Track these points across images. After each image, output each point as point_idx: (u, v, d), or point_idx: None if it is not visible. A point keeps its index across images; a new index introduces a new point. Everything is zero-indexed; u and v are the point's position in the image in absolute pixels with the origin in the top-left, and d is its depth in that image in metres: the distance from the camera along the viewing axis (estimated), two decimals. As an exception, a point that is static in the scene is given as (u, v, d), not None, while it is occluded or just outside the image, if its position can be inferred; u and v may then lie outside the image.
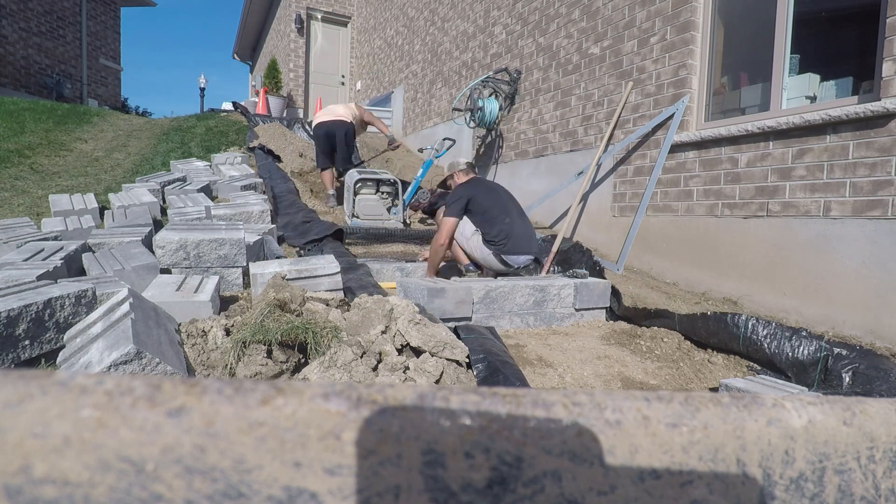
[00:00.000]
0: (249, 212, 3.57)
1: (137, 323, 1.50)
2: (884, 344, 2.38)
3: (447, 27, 6.86)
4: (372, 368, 1.65)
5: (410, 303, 1.97)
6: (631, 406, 0.35)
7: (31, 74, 10.54)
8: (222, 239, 2.49)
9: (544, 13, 4.85)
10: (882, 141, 2.43)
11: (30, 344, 1.57)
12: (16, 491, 0.26)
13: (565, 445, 0.33)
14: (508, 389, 0.35)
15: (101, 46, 12.39)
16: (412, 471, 0.30)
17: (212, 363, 1.68)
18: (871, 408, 0.42)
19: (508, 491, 0.31)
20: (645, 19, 3.72)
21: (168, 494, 0.28)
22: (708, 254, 3.22)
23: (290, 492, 0.29)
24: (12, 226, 3.04)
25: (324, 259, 2.53)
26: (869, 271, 2.46)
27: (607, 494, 0.33)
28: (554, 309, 2.88)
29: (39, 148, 5.22)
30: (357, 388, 0.32)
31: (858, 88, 2.73)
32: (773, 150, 2.89)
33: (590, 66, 4.26)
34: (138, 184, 4.12)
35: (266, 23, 13.73)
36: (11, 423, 0.27)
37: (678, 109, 3.43)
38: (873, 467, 0.40)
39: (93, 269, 2.32)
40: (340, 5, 11.32)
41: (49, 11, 10.91)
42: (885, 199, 2.41)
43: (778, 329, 2.25)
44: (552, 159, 4.71)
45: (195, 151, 5.62)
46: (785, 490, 0.37)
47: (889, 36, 2.41)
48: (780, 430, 0.38)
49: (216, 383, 0.31)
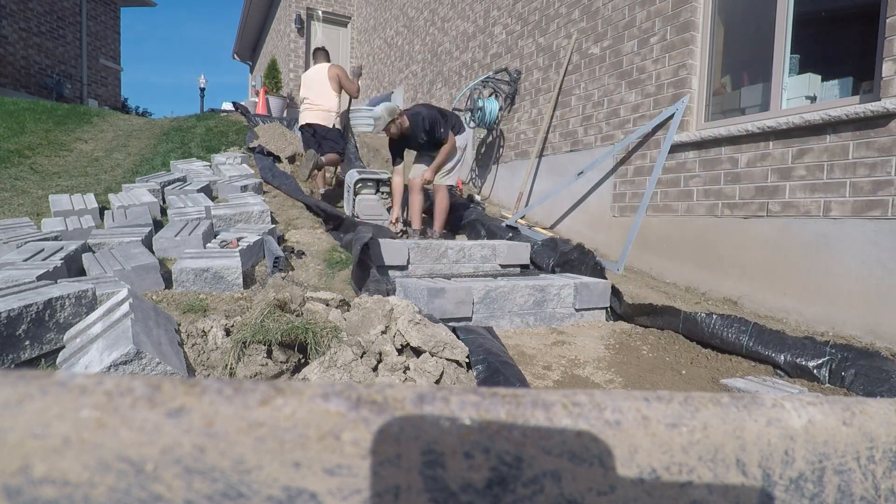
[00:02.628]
0: (249, 212, 3.57)
1: (137, 323, 1.50)
2: (884, 344, 2.38)
3: (447, 27, 6.86)
4: (372, 368, 1.65)
5: (410, 303, 1.97)
6: (630, 406, 0.35)
7: (32, 75, 10.54)
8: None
9: (544, 13, 4.85)
10: (882, 141, 2.43)
11: (30, 344, 1.57)
12: (16, 491, 0.26)
13: (565, 446, 0.33)
14: (508, 390, 0.35)
15: (101, 46, 12.39)
16: (412, 471, 0.30)
17: (212, 363, 1.68)
18: (871, 408, 0.42)
19: (508, 491, 0.31)
20: (645, 19, 3.72)
21: (168, 495, 0.28)
22: (708, 254, 3.22)
23: (289, 492, 0.29)
24: (12, 226, 3.04)
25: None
26: (869, 271, 2.46)
27: (607, 494, 0.33)
28: (554, 309, 2.88)
29: (39, 148, 5.22)
30: (357, 389, 0.32)
31: (858, 88, 2.73)
32: (773, 150, 2.89)
33: (590, 67, 4.26)
34: (138, 184, 4.12)
35: (266, 23, 13.73)
36: (11, 423, 0.27)
37: (678, 109, 3.43)
38: (873, 467, 0.40)
39: (93, 270, 2.32)
40: (340, 5, 11.32)
41: (49, 11, 10.92)
42: (885, 199, 2.41)
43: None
44: (552, 159, 4.71)
45: (195, 151, 5.62)
46: (785, 490, 0.37)
47: (889, 36, 2.41)
48: (780, 431, 0.38)
49: (216, 383, 0.31)
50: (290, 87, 10.99)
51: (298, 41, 11.11)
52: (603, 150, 4.05)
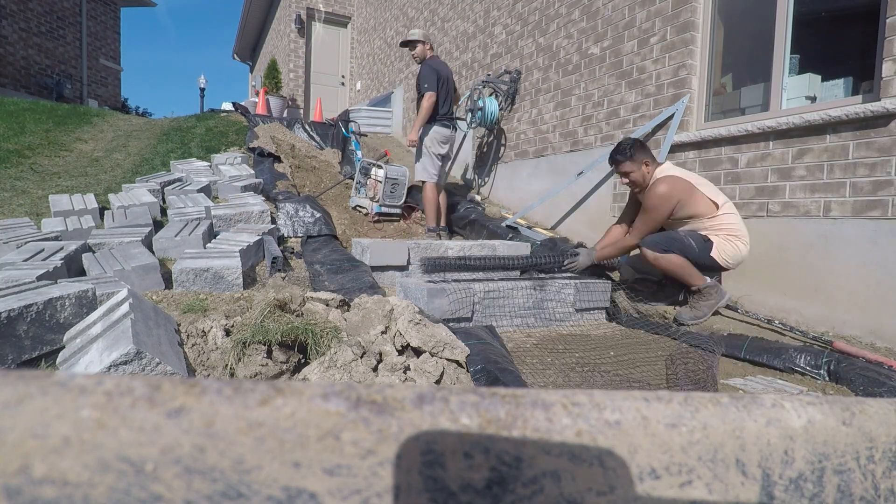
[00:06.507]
0: (249, 212, 3.57)
1: (137, 323, 1.50)
2: (884, 344, 2.37)
3: (447, 27, 6.86)
4: (372, 369, 1.65)
5: (410, 303, 1.97)
6: (630, 406, 0.35)
7: (32, 75, 10.54)
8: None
9: (544, 13, 4.85)
10: (882, 141, 2.43)
11: (30, 344, 1.57)
12: (15, 491, 0.26)
13: (564, 446, 0.33)
14: (507, 390, 0.35)
15: (101, 47, 12.39)
16: (411, 471, 0.30)
17: (212, 363, 1.68)
18: (871, 408, 0.42)
19: (507, 491, 0.31)
20: (645, 19, 3.71)
21: (167, 495, 0.28)
22: (708, 254, 3.22)
23: (289, 492, 0.29)
24: (12, 226, 3.04)
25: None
26: (869, 271, 2.45)
27: (606, 495, 0.33)
28: (554, 309, 2.88)
29: (39, 148, 5.22)
30: (356, 389, 0.32)
31: (858, 88, 2.73)
32: (773, 151, 2.89)
33: (590, 67, 4.26)
34: (138, 184, 4.12)
35: (266, 23, 13.73)
36: (11, 423, 0.27)
37: (678, 109, 3.43)
38: (872, 467, 0.40)
39: (93, 270, 2.32)
40: (340, 5, 11.33)
41: (49, 12, 10.92)
42: (885, 200, 2.41)
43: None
44: (552, 159, 4.71)
45: (195, 152, 5.61)
46: (784, 490, 0.37)
47: (889, 36, 2.41)
48: (780, 431, 0.38)
49: (216, 383, 0.31)
50: (290, 87, 10.99)
51: (298, 41, 11.11)
52: (603, 151, 4.05)
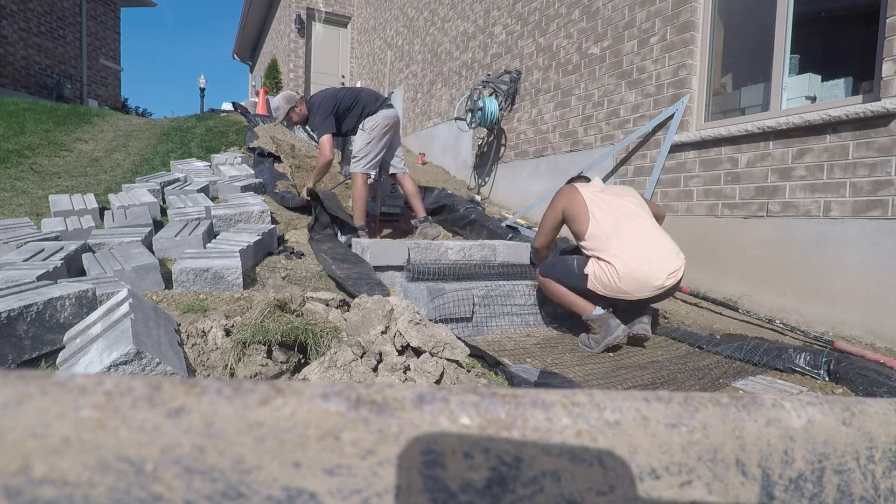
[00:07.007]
0: (249, 212, 3.57)
1: (137, 323, 1.50)
2: (884, 344, 2.37)
3: (447, 27, 6.86)
4: (372, 369, 1.65)
5: (410, 303, 1.97)
6: (630, 406, 0.35)
7: (32, 75, 10.54)
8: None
9: (544, 13, 4.85)
10: (882, 141, 2.43)
11: (30, 344, 1.57)
12: (15, 491, 0.26)
13: (564, 446, 0.33)
14: (507, 390, 0.35)
15: (101, 47, 12.39)
16: (411, 471, 0.30)
17: (212, 363, 1.68)
18: (871, 408, 0.42)
19: (507, 491, 0.31)
20: (645, 19, 3.71)
21: (167, 495, 0.28)
22: (708, 254, 3.22)
23: (289, 492, 0.29)
24: (12, 226, 3.04)
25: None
26: (869, 271, 2.45)
27: (606, 495, 0.33)
28: (554, 309, 2.88)
29: (39, 148, 5.22)
30: (356, 389, 0.32)
31: (858, 88, 2.73)
32: (773, 151, 2.89)
33: (590, 67, 4.26)
34: (138, 184, 4.12)
35: (266, 23, 13.73)
36: (11, 423, 0.27)
37: (678, 109, 3.43)
38: (872, 467, 0.40)
39: (93, 270, 2.32)
40: (340, 5, 11.33)
41: (49, 12, 10.92)
42: (885, 200, 2.41)
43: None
44: (552, 159, 4.71)
45: (195, 152, 5.61)
46: (784, 490, 0.37)
47: (889, 36, 2.41)
48: (780, 431, 0.38)
49: (216, 383, 0.31)
50: (290, 87, 10.99)
51: (298, 41, 11.11)
52: (603, 151, 4.05)
